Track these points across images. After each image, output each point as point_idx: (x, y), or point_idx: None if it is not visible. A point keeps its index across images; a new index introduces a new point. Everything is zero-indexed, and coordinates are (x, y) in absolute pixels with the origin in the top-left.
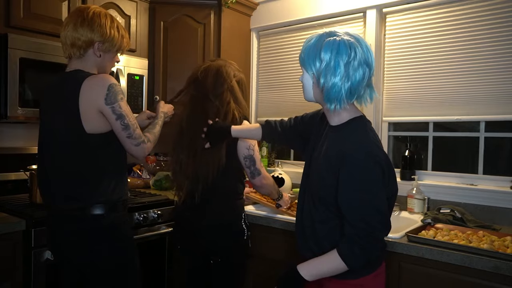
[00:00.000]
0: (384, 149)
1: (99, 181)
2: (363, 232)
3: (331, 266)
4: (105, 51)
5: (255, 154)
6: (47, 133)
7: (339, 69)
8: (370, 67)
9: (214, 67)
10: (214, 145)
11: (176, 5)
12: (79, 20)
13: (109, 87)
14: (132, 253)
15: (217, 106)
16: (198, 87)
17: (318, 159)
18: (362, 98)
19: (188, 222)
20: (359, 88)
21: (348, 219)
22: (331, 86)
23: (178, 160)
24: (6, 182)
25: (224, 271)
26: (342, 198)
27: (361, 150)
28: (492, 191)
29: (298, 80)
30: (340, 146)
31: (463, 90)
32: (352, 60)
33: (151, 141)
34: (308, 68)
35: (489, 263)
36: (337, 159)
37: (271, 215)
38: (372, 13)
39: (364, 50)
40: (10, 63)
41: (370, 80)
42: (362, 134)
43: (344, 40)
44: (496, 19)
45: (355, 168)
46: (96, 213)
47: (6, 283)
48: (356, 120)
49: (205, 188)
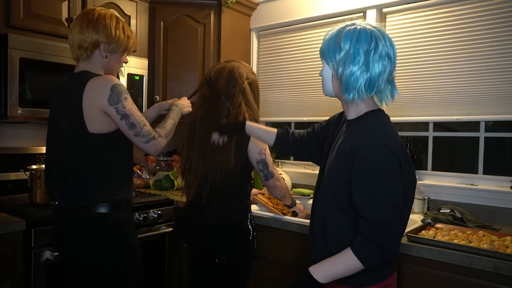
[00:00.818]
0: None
1: (103, 180)
2: (380, 228)
3: (345, 266)
4: (111, 52)
5: (267, 158)
6: (54, 133)
7: (358, 56)
8: (392, 62)
9: (227, 68)
10: (224, 134)
11: (176, 5)
12: (85, 22)
13: (112, 87)
14: (136, 252)
15: (228, 107)
16: (210, 87)
17: (332, 155)
18: (383, 94)
19: (195, 221)
20: (378, 81)
21: (363, 215)
22: (350, 74)
23: (188, 159)
24: (6, 182)
25: (228, 270)
26: (357, 193)
27: (377, 143)
28: (492, 191)
29: (299, 80)
30: (355, 139)
31: (463, 90)
32: (373, 50)
33: (163, 136)
34: (328, 59)
35: (489, 263)
36: (351, 152)
37: (278, 217)
38: (372, 13)
39: (387, 43)
40: (10, 63)
41: (391, 76)
42: (378, 126)
43: (366, 28)
44: (496, 19)
45: (370, 161)
46: (100, 212)
47: (6, 283)
48: (373, 112)
49: (213, 188)
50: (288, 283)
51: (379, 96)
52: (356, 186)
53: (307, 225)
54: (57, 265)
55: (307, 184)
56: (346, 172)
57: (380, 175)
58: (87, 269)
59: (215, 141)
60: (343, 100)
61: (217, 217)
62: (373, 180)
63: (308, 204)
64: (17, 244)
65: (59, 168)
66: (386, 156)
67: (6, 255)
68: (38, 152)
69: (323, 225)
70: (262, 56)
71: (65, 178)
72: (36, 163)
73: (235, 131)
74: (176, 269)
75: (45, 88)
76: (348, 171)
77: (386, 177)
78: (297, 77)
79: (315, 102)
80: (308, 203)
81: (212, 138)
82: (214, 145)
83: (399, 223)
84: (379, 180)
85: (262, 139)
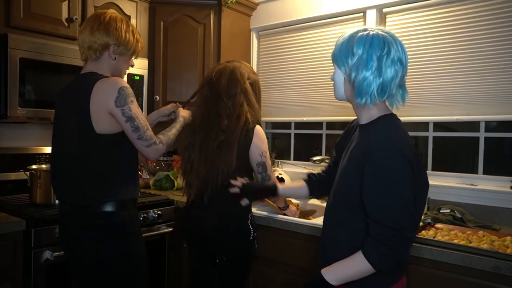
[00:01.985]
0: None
1: (110, 180)
2: (391, 231)
3: (357, 269)
4: (120, 54)
5: (267, 161)
6: (60, 133)
7: (371, 62)
8: (404, 66)
9: (228, 68)
10: (256, 200)
11: (176, 5)
12: (96, 24)
13: (119, 90)
14: (141, 251)
15: (230, 108)
16: (211, 88)
17: (345, 159)
18: (394, 98)
19: (195, 221)
20: (391, 86)
21: (374, 218)
22: (362, 79)
23: (189, 160)
24: (6, 182)
25: (229, 271)
26: (368, 196)
27: (389, 146)
28: (492, 191)
29: (299, 80)
30: (367, 143)
31: (463, 90)
32: (386, 55)
33: (163, 143)
34: (340, 64)
35: (489, 263)
36: (363, 156)
37: (278, 217)
38: (372, 13)
39: (399, 48)
40: (10, 63)
41: (402, 80)
42: (390, 130)
43: (378, 34)
44: (496, 19)
45: (382, 164)
46: (108, 210)
47: (6, 283)
48: (386, 117)
49: (214, 189)
50: (288, 283)
51: (390, 100)
52: (368, 190)
53: (307, 225)
54: (57, 265)
55: None
56: (358, 175)
57: (392, 179)
58: (93, 267)
59: (242, 203)
60: (355, 104)
61: (218, 218)
62: (386, 184)
63: (307, 204)
64: (17, 244)
65: (66, 167)
66: (399, 160)
67: (6, 255)
68: (38, 152)
69: (334, 228)
70: (262, 56)
71: (73, 177)
72: (36, 163)
73: (268, 196)
74: (176, 269)
75: (45, 88)
76: (359, 175)
77: (398, 181)
78: (297, 77)
79: (315, 102)
80: (308, 203)
81: (232, 190)
82: (216, 146)
83: (410, 226)
84: (392, 184)
85: (297, 196)
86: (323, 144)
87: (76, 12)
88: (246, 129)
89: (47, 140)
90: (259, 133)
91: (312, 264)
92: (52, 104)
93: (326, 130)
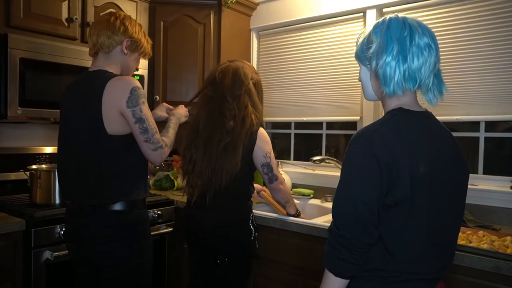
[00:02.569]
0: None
1: (121, 179)
2: (332, 228)
3: (324, 279)
4: (132, 50)
5: (272, 161)
6: (69, 132)
7: (391, 43)
8: (433, 50)
9: (231, 68)
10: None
11: (176, 5)
12: (112, 19)
13: (132, 90)
14: (151, 250)
15: (234, 109)
16: (215, 88)
17: None
18: (430, 92)
19: (197, 222)
20: (420, 73)
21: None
22: (385, 65)
23: (191, 160)
24: (6, 182)
25: (230, 271)
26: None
27: (356, 138)
28: (492, 191)
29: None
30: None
31: (463, 90)
32: (408, 36)
33: (168, 146)
34: (363, 58)
35: (489, 263)
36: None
37: (278, 217)
38: (372, 13)
39: (426, 31)
40: (10, 63)
41: (436, 68)
42: (373, 125)
43: (397, 16)
44: (496, 19)
45: (344, 161)
46: (117, 209)
47: (6, 283)
48: (392, 111)
49: (217, 190)
50: (288, 283)
51: (426, 96)
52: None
53: (307, 225)
54: (57, 265)
55: (307, 184)
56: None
57: (346, 175)
58: (103, 266)
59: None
60: (385, 98)
61: (220, 218)
62: (340, 179)
63: (308, 204)
64: (17, 244)
65: (78, 168)
66: (358, 153)
67: (6, 255)
68: (38, 152)
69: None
70: (262, 56)
71: (85, 178)
72: (36, 163)
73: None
74: (176, 269)
75: (45, 88)
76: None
77: (352, 178)
78: (297, 77)
79: (315, 102)
80: (308, 203)
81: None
82: (221, 148)
83: (353, 229)
84: (343, 180)
85: None
86: (323, 144)
87: (76, 12)
88: (250, 131)
89: (47, 140)
90: (262, 135)
91: (312, 264)
92: (52, 104)
93: (326, 130)
